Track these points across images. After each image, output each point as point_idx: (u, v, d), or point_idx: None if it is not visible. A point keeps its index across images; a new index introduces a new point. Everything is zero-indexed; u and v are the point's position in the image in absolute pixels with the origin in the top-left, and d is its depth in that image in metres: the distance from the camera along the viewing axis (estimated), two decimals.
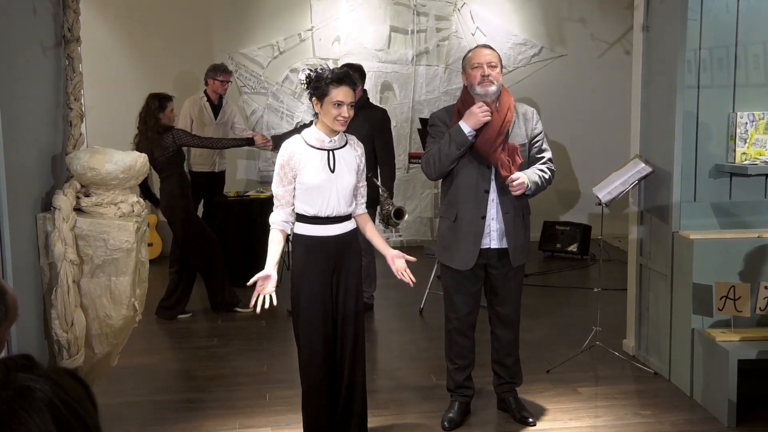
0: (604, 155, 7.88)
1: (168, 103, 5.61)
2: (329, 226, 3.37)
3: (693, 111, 4.36)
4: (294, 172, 3.33)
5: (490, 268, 3.75)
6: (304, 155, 3.34)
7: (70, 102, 3.68)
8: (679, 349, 4.33)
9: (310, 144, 3.36)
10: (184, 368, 4.81)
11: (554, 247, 7.80)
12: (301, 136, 3.40)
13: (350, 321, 3.44)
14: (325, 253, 3.38)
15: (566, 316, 5.79)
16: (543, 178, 3.67)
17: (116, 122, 7.52)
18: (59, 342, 3.39)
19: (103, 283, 3.48)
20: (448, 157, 3.61)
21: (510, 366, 3.94)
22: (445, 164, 3.64)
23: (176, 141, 5.53)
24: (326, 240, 3.37)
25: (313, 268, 3.38)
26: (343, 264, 3.42)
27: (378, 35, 8.08)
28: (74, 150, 3.65)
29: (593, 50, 8.52)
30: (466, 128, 3.54)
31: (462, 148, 3.57)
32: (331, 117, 3.30)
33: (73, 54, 3.68)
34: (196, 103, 6.93)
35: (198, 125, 6.83)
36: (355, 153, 3.45)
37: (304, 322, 3.40)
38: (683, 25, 4.25)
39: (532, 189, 3.63)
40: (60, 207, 3.38)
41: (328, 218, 3.37)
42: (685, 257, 4.25)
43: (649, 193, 4.64)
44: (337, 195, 3.36)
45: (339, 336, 3.45)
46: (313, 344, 3.39)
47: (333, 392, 3.48)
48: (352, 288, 3.45)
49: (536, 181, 3.63)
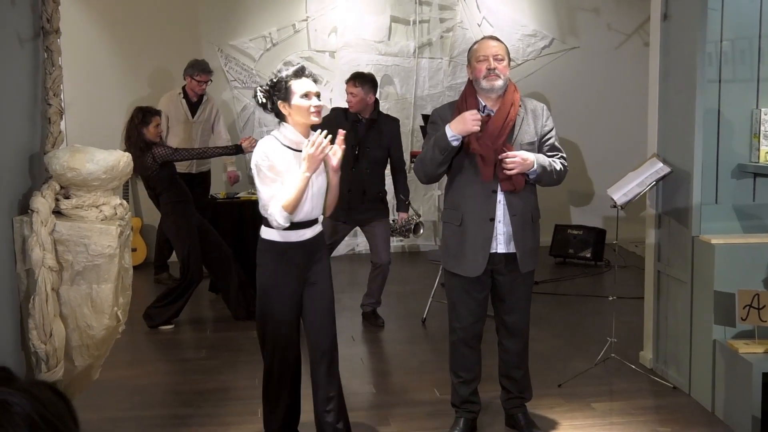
0: (619, 154, 7.90)
1: (153, 118, 5.65)
2: (301, 231, 3.48)
3: (714, 107, 4.38)
4: (280, 173, 3.40)
5: (497, 274, 3.76)
6: (280, 156, 3.41)
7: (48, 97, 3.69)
8: (699, 362, 4.34)
9: (284, 144, 3.44)
10: (171, 382, 4.82)
11: (566, 252, 7.81)
12: (273, 136, 3.47)
13: (323, 329, 3.57)
14: (296, 258, 3.49)
15: (579, 326, 5.80)
16: (553, 167, 3.67)
17: (98, 119, 7.55)
18: (37, 354, 3.40)
19: (84, 290, 3.49)
20: (433, 161, 3.63)
21: (519, 379, 3.95)
22: (430, 168, 3.66)
23: (156, 160, 5.58)
24: (297, 245, 3.49)
25: (284, 275, 3.49)
26: (313, 266, 3.55)
27: (378, 26, 8.10)
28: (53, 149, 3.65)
29: (609, 41, 8.54)
30: (449, 132, 3.54)
31: (445, 153, 3.57)
32: (304, 111, 3.38)
33: (53, 46, 3.69)
34: (172, 99, 6.96)
35: (174, 123, 6.86)
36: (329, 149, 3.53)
37: (274, 333, 3.54)
38: (703, 15, 4.26)
39: (538, 172, 3.61)
40: (38, 209, 3.39)
41: (300, 223, 3.46)
42: (705, 263, 4.26)
43: (668, 194, 4.65)
44: (312, 199, 3.47)
45: (313, 337, 3.59)
46: (285, 356, 3.56)
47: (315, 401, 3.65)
48: (323, 291, 3.57)
49: (544, 164, 3.62)
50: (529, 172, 3.61)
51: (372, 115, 5.57)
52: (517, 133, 3.65)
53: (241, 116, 8.02)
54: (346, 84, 5.63)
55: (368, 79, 5.58)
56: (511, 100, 3.63)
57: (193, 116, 6.93)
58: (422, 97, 8.29)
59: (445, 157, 3.59)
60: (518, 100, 3.67)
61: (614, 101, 8.53)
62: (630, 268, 7.21)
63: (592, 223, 8.08)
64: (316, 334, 3.60)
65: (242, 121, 8.03)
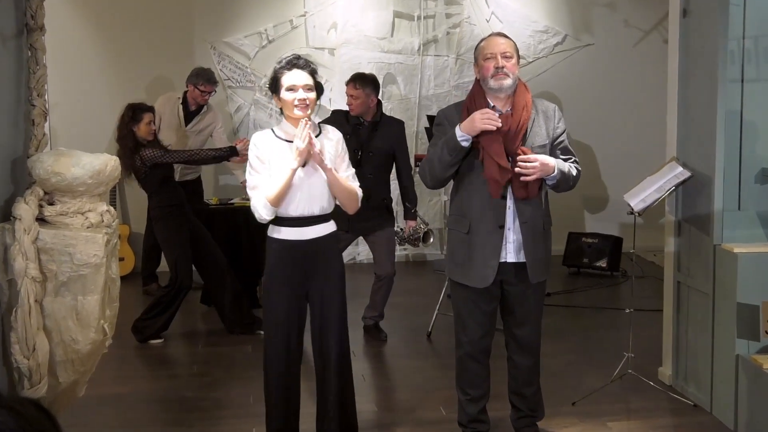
0: (636, 158, 7.90)
1: (143, 115, 5.62)
2: (301, 228, 3.55)
3: (736, 108, 4.38)
4: (267, 163, 3.52)
5: (507, 285, 3.76)
6: (273, 147, 3.54)
7: (32, 98, 3.70)
8: (721, 378, 4.34)
9: (278, 136, 3.58)
10: (160, 399, 4.82)
11: (580, 261, 7.81)
12: (270, 129, 3.65)
13: (332, 334, 3.63)
14: (295, 259, 3.57)
15: (594, 340, 5.80)
16: (570, 173, 3.68)
17: (84, 121, 7.57)
18: (20, 369, 3.40)
19: (69, 302, 3.49)
20: (441, 162, 3.63)
21: (530, 397, 3.95)
22: (439, 171, 3.66)
23: (145, 163, 5.56)
24: (296, 244, 3.56)
25: (281, 275, 3.58)
26: (318, 271, 3.61)
27: (380, 21, 8.12)
28: (37, 152, 3.67)
29: (625, 38, 8.54)
30: (459, 133, 3.56)
31: (454, 154, 3.58)
32: (289, 104, 3.52)
33: (37, 44, 3.70)
34: (170, 101, 6.92)
35: (165, 126, 6.81)
36: (330, 142, 3.64)
37: (268, 334, 3.64)
38: (724, 10, 4.27)
39: (557, 178, 3.62)
40: (20, 217, 3.40)
41: (299, 219, 3.55)
42: (728, 273, 4.26)
43: (688, 200, 4.65)
44: (309, 193, 3.53)
45: (318, 350, 3.65)
46: (277, 361, 3.62)
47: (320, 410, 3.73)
48: (331, 297, 3.64)
49: (563, 169, 3.63)
50: (548, 178, 3.61)
51: (374, 118, 5.57)
52: (528, 135, 3.65)
53: (235, 117, 8.03)
54: (346, 86, 5.62)
55: (369, 80, 5.57)
56: (523, 101, 3.63)
57: (187, 125, 6.92)
58: (427, 97, 8.30)
59: (454, 158, 3.59)
60: (530, 100, 3.68)
61: (631, 101, 8.53)
62: (648, 279, 7.21)
63: (608, 231, 8.07)
64: (318, 341, 3.64)
65: (236, 123, 8.03)
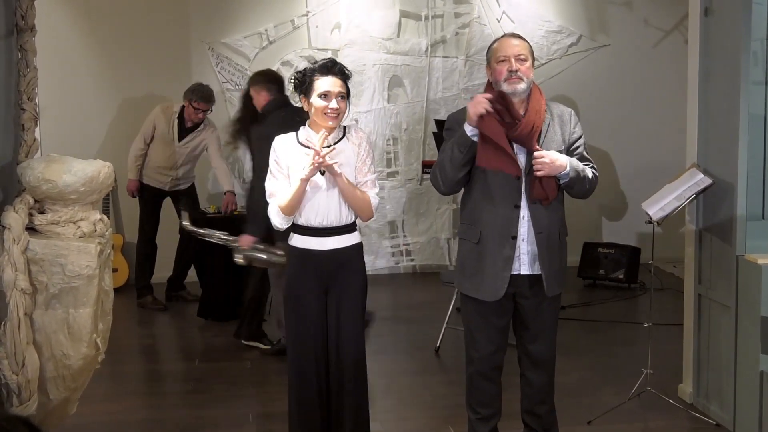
0: (655, 164, 7.89)
1: None
2: (322, 238, 3.60)
3: (760, 112, 4.38)
4: (287, 169, 3.58)
5: (520, 298, 3.76)
6: (293, 154, 3.58)
7: (22, 102, 3.71)
8: (745, 396, 4.33)
9: (300, 142, 3.61)
10: (155, 418, 4.82)
11: (596, 273, 7.80)
12: (294, 133, 3.66)
13: (348, 348, 3.64)
14: (316, 269, 3.61)
15: (611, 356, 5.79)
16: (585, 175, 3.68)
17: (76, 125, 7.59)
18: (8, 385, 3.41)
19: (60, 315, 3.50)
20: (452, 161, 3.63)
21: (543, 416, 3.94)
22: (450, 171, 3.65)
23: None
24: (317, 254, 3.61)
25: (301, 286, 3.62)
26: (338, 283, 3.64)
27: (386, 21, 8.14)
28: (27, 158, 3.68)
29: (643, 39, 8.54)
30: (466, 127, 3.58)
31: (463, 149, 3.59)
32: (320, 112, 3.54)
33: (27, 45, 3.72)
34: (166, 113, 6.96)
35: (157, 136, 6.89)
36: (353, 148, 3.65)
37: (292, 344, 3.67)
38: (747, 9, 4.27)
39: (571, 177, 3.61)
40: (10, 226, 3.41)
41: (320, 229, 3.59)
42: (752, 285, 4.25)
43: (709, 209, 4.65)
44: (327, 202, 3.58)
45: (335, 364, 3.66)
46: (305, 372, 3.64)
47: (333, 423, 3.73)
48: (348, 311, 3.65)
49: (577, 168, 3.63)
50: (560, 175, 3.61)
51: None
52: (542, 141, 3.65)
53: None
54: None
55: None
56: (537, 106, 3.63)
57: (180, 140, 6.95)
58: (435, 101, 8.31)
59: (465, 155, 3.60)
60: (544, 104, 3.68)
61: (649, 105, 8.53)
62: (667, 291, 7.20)
63: (626, 241, 8.06)
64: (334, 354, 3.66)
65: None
